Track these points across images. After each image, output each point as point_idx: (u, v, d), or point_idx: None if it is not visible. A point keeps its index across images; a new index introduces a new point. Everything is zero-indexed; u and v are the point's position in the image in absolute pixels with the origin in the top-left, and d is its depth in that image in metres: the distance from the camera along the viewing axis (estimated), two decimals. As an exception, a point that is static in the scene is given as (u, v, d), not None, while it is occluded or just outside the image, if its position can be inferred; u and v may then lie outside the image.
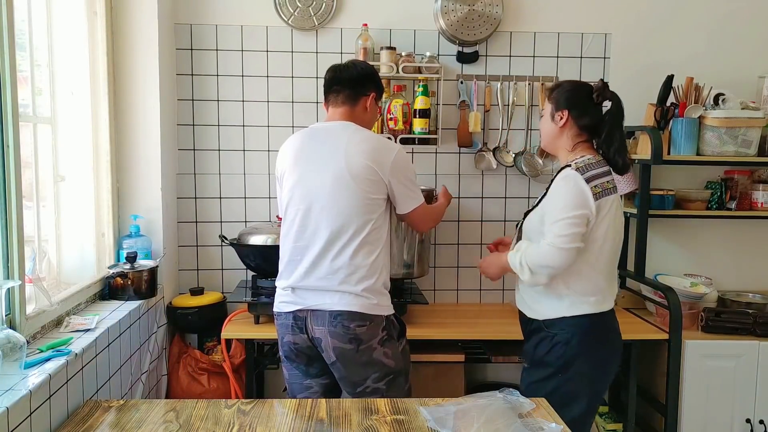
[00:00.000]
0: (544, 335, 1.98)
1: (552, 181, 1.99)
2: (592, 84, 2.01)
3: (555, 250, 1.86)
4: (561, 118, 1.99)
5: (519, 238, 2.08)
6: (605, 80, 2.01)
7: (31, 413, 1.48)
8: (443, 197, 2.40)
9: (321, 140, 2.03)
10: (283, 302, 2.04)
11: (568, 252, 1.85)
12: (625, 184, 2.83)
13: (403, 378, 2.05)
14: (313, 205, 1.97)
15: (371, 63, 2.71)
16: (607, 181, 1.93)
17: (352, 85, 2.06)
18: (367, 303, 1.95)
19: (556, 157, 2.11)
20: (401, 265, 2.59)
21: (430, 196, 2.47)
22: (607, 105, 2.00)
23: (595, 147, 2.01)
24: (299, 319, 1.99)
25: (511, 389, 1.75)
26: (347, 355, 1.95)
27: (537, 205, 2.02)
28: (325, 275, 1.95)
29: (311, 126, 2.15)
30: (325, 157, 1.98)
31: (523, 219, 2.09)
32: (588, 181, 1.89)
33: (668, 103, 2.75)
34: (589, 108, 1.98)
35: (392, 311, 2.04)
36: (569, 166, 1.95)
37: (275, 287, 2.62)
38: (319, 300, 1.96)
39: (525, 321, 2.10)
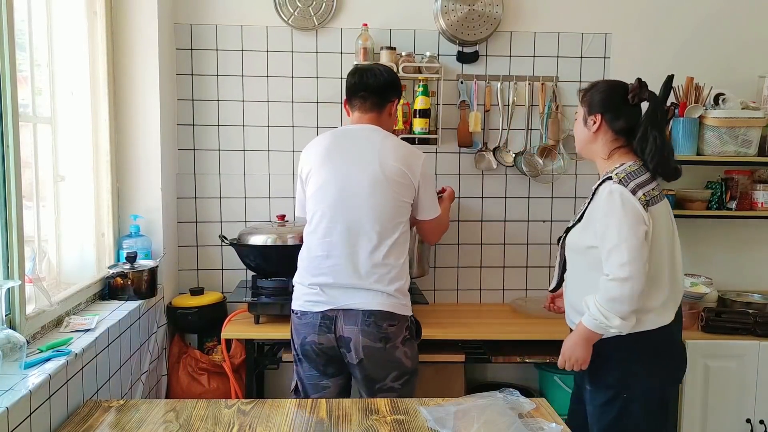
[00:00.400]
0: (604, 356, 1.84)
1: (593, 192, 1.85)
2: (628, 84, 1.88)
3: (622, 283, 1.71)
4: (594, 123, 1.87)
5: (562, 257, 1.99)
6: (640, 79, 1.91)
7: (31, 413, 1.48)
8: (448, 199, 2.36)
9: (352, 141, 2.06)
10: (311, 301, 2.02)
11: (637, 278, 1.71)
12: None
13: (415, 378, 2.09)
14: (347, 204, 1.99)
15: (371, 63, 2.72)
16: (653, 188, 1.80)
17: (380, 92, 2.10)
18: (398, 303, 1.99)
19: (590, 160, 1.98)
20: None
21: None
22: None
23: (634, 152, 1.88)
24: (328, 318, 1.98)
25: (511, 389, 1.75)
26: (375, 354, 1.96)
27: (579, 220, 1.89)
28: (359, 274, 1.97)
29: (339, 127, 2.20)
30: (358, 158, 2.01)
31: (565, 235, 1.97)
32: (634, 192, 1.75)
33: (668, 103, 2.75)
34: (624, 110, 1.85)
35: (411, 312, 2.08)
36: (610, 178, 1.80)
37: (275, 287, 2.66)
38: (351, 299, 1.97)
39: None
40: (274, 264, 2.63)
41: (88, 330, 1.96)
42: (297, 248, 2.61)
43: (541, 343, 2.66)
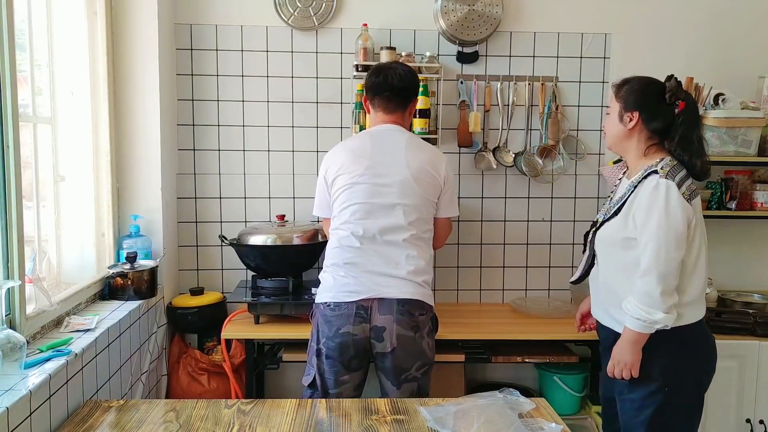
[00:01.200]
0: (645, 350, 1.84)
1: (634, 187, 1.85)
2: (662, 82, 1.88)
3: (659, 276, 1.74)
4: (630, 120, 1.87)
5: (591, 254, 1.99)
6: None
7: (31, 413, 1.48)
8: None
9: (381, 142, 2.14)
10: (345, 292, 2.05)
11: (673, 272, 1.76)
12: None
13: (432, 370, 2.15)
14: (379, 201, 2.07)
15: (371, 63, 2.72)
16: (692, 183, 1.84)
17: (404, 93, 2.19)
18: (427, 293, 2.10)
19: (619, 155, 2.00)
20: None
21: None
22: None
23: (667, 149, 1.89)
24: (363, 308, 2.02)
25: (511, 389, 1.75)
26: (407, 342, 2.03)
27: (616, 213, 1.88)
28: (392, 264, 2.05)
29: (368, 129, 2.27)
30: (390, 159, 2.10)
31: (594, 230, 1.96)
32: (679, 186, 1.77)
33: (668, 103, 2.75)
34: (660, 110, 1.85)
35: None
36: (655, 172, 1.80)
37: (275, 287, 2.66)
38: (385, 288, 2.03)
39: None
40: (274, 264, 2.63)
41: (88, 330, 1.96)
42: (297, 248, 2.63)
43: (541, 343, 2.67)
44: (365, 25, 2.77)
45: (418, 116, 2.73)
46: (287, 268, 2.67)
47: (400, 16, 2.87)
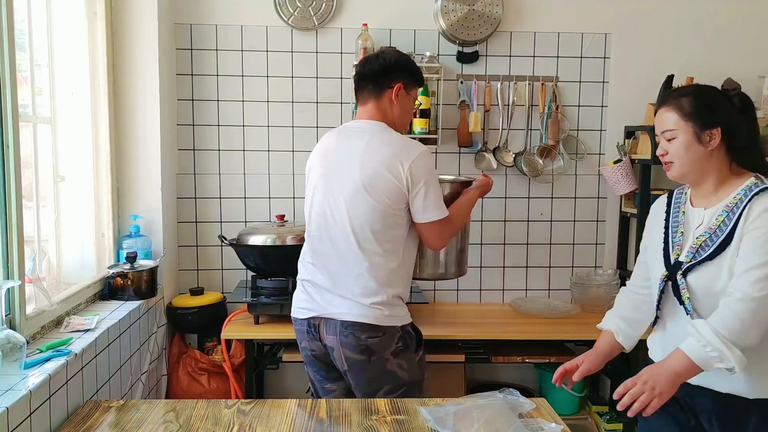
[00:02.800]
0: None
1: (741, 210, 1.49)
2: (720, 88, 1.63)
3: (757, 302, 1.41)
4: (711, 139, 1.53)
5: (672, 295, 1.59)
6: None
7: (31, 413, 1.48)
8: (476, 191, 2.16)
9: (344, 143, 1.97)
10: (299, 308, 2.01)
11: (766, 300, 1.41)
12: (625, 184, 2.83)
13: (416, 389, 1.97)
14: (332, 212, 1.92)
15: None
16: None
17: (375, 78, 1.96)
18: (379, 314, 1.88)
19: (692, 183, 1.62)
20: (437, 264, 2.31)
21: (467, 184, 2.22)
22: None
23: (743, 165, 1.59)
24: (312, 326, 1.96)
25: (510, 389, 1.75)
26: (360, 366, 1.90)
27: (716, 253, 1.51)
28: (341, 283, 1.91)
29: (343, 124, 2.11)
30: (344, 163, 1.91)
31: (683, 270, 1.55)
32: None
33: (668, 103, 2.75)
34: (739, 119, 1.56)
35: (408, 321, 1.97)
36: (765, 190, 1.48)
37: (275, 287, 2.66)
38: (331, 307, 1.91)
39: (728, 400, 1.53)
40: (274, 264, 2.63)
41: (88, 330, 1.96)
42: (297, 248, 2.62)
43: (541, 343, 2.67)
44: (365, 25, 2.77)
45: (418, 116, 2.73)
46: (287, 268, 2.66)
47: (400, 16, 2.87)
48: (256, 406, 1.73)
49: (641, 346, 2.61)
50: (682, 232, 1.61)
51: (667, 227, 1.66)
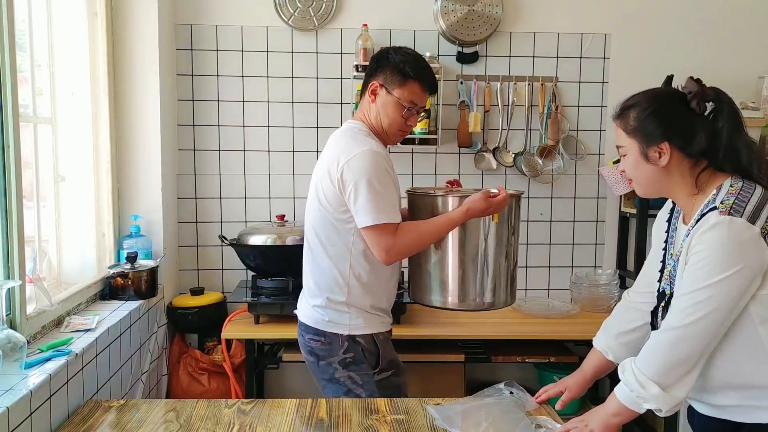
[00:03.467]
0: None
1: (689, 238, 1.32)
2: (674, 89, 1.43)
3: (680, 332, 1.28)
4: (661, 154, 1.36)
5: None
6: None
7: (31, 413, 1.48)
8: (467, 208, 1.76)
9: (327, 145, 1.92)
10: None
11: (705, 330, 1.27)
12: (624, 184, 2.83)
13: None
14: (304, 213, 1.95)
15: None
16: None
17: (365, 75, 1.88)
18: (318, 317, 1.84)
19: (665, 196, 1.47)
20: (478, 292, 1.89)
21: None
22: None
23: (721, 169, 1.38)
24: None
25: (513, 381, 1.72)
26: (311, 367, 1.94)
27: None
28: (303, 281, 1.95)
29: None
30: (317, 166, 1.89)
31: (663, 305, 1.44)
32: (753, 219, 1.26)
33: (668, 103, 2.75)
34: (694, 124, 1.35)
35: (360, 332, 1.83)
36: (715, 209, 1.29)
37: (275, 287, 2.66)
38: (298, 305, 1.98)
39: (719, 426, 1.40)
40: (274, 264, 2.63)
41: (88, 330, 1.96)
42: (297, 248, 2.62)
43: (541, 342, 2.67)
44: (365, 25, 2.77)
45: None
46: (287, 268, 2.67)
47: (400, 16, 2.87)
48: (256, 406, 1.73)
49: (641, 346, 2.62)
50: (671, 253, 1.47)
51: (665, 245, 1.51)
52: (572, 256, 3.05)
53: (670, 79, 2.18)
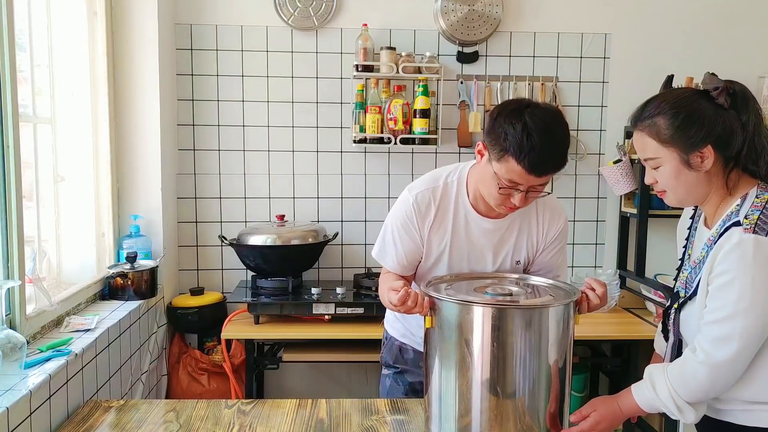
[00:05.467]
0: None
1: (710, 248, 1.30)
2: (694, 87, 1.37)
3: (718, 368, 1.26)
4: (703, 159, 1.29)
5: (677, 337, 1.43)
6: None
7: (31, 413, 1.48)
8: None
9: None
10: None
11: (740, 363, 1.26)
12: (624, 184, 2.83)
13: None
14: None
15: (371, 63, 2.72)
16: None
17: None
18: None
19: (696, 205, 1.41)
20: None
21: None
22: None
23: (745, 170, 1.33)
24: None
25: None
26: None
27: (695, 292, 1.34)
28: None
29: None
30: None
31: (676, 309, 1.42)
32: None
33: (668, 103, 2.75)
34: (728, 122, 1.29)
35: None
36: (738, 224, 1.25)
37: (275, 287, 2.66)
38: None
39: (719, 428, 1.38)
40: (274, 264, 2.63)
41: (88, 330, 1.96)
42: (297, 248, 2.63)
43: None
44: (365, 25, 2.77)
45: (418, 116, 2.74)
46: (287, 268, 2.67)
47: (401, 15, 2.87)
48: (256, 406, 1.73)
49: (640, 345, 2.62)
50: (689, 254, 1.43)
51: (686, 243, 1.47)
52: (572, 256, 3.05)
53: (670, 79, 2.15)
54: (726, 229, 1.27)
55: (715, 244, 1.29)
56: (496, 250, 1.67)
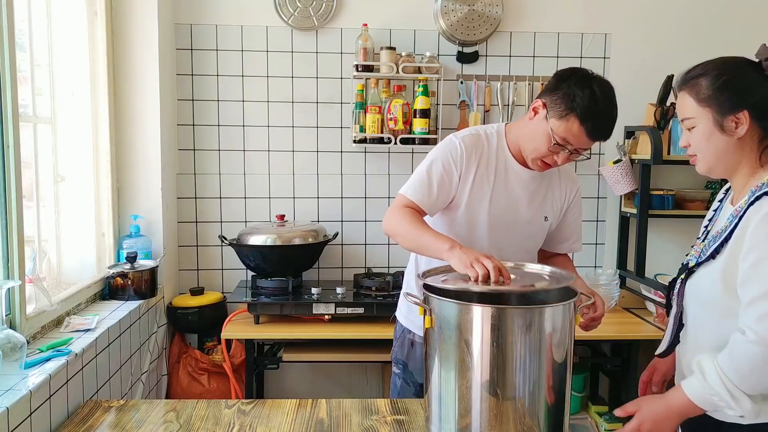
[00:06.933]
0: None
1: (739, 218, 1.27)
2: (738, 57, 1.39)
3: (760, 348, 1.18)
4: (737, 125, 1.29)
5: (680, 308, 1.41)
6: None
7: (31, 413, 1.48)
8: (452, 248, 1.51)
9: None
10: None
11: None
12: (624, 184, 2.83)
13: None
14: None
15: (371, 63, 2.72)
16: None
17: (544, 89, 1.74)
18: None
19: (721, 176, 1.39)
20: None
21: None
22: None
23: None
24: None
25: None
26: None
27: (711, 256, 1.31)
28: None
29: None
30: None
31: (685, 278, 1.40)
32: None
33: (668, 103, 2.75)
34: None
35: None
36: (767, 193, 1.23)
37: (275, 287, 2.66)
38: None
39: (715, 427, 1.34)
40: (274, 264, 2.64)
41: (88, 330, 1.96)
42: (297, 248, 2.63)
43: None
44: (365, 25, 2.77)
45: (418, 116, 2.74)
46: (287, 268, 2.67)
47: (400, 16, 2.87)
48: (256, 406, 1.73)
49: (640, 345, 2.62)
50: (708, 231, 1.41)
51: (708, 223, 1.45)
52: (573, 255, 3.04)
53: (670, 79, 2.15)
54: (756, 199, 1.24)
55: (744, 214, 1.25)
56: (530, 200, 1.77)
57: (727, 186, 1.47)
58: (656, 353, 1.53)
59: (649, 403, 1.33)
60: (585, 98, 1.54)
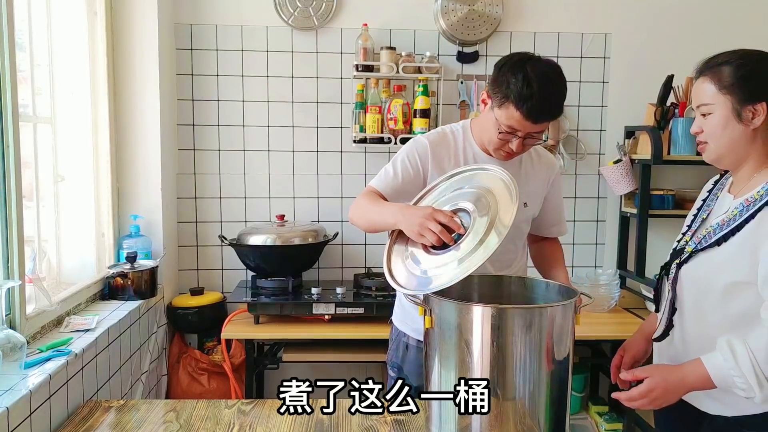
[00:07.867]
0: None
1: (754, 212, 1.30)
2: None
3: None
4: (754, 115, 1.32)
5: (674, 294, 1.43)
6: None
7: (31, 413, 1.48)
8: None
9: None
10: None
11: None
12: (625, 184, 2.83)
13: None
14: None
15: (371, 63, 2.72)
16: None
17: None
18: None
19: (728, 167, 1.43)
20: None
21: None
22: None
23: None
24: None
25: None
26: None
27: (717, 243, 1.33)
28: None
29: None
30: None
31: (678, 261, 1.43)
32: None
33: (668, 103, 2.75)
34: None
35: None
36: None
37: (275, 287, 2.66)
38: None
39: (696, 418, 1.41)
40: (274, 264, 2.63)
41: (88, 330, 1.96)
42: (297, 248, 2.63)
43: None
44: (365, 25, 2.77)
45: (418, 116, 2.74)
46: (287, 268, 2.67)
47: (401, 15, 2.87)
48: (256, 406, 1.73)
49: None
50: (703, 219, 1.44)
51: (697, 212, 1.49)
52: (573, 255, 3.04)
53: (670, 79, 2.16)
54: None
55: (760, 208, 1.27)
56: None
57: (716, 177, 1.53)
58: (653, 337, 1.54)
59: (662, 371, 1.34)
60: (518, 82, 1.54)
